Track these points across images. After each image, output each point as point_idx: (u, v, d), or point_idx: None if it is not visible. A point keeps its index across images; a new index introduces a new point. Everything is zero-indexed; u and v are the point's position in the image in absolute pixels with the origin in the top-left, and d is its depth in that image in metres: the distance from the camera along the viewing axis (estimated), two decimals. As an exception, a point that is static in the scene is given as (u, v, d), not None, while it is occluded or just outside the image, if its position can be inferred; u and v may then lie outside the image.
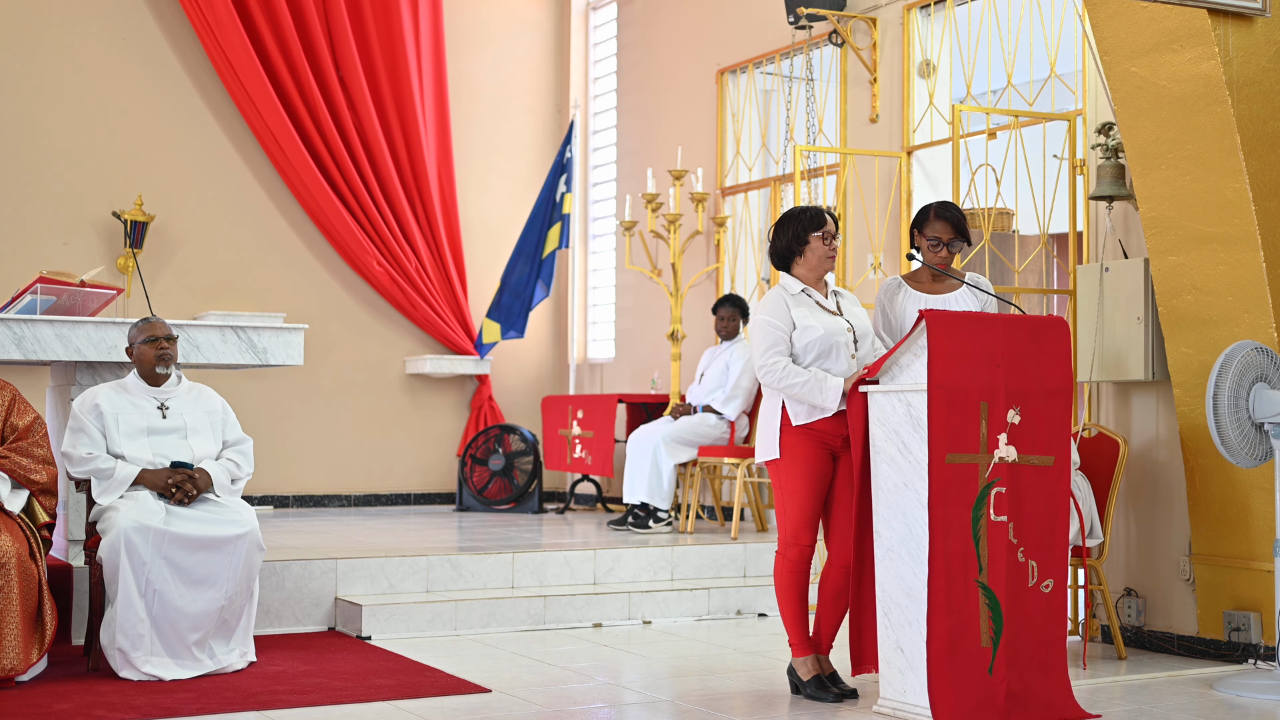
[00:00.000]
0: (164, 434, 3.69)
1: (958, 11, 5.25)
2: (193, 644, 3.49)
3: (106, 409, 3.67)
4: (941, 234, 3.46)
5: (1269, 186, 3.69)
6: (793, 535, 3.34)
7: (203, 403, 3.81)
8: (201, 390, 3.86)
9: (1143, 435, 4.24)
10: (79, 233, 6.39)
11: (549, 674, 3.64)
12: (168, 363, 3.74)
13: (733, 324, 5.73)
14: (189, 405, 3.78)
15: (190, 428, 3.74)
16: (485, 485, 6.63)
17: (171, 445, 3.69)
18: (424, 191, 7.00)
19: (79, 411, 3.68)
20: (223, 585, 3.53)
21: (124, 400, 3.71)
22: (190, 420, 3.75)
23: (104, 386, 3.76)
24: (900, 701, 3.12)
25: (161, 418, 3.71)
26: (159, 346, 3.74)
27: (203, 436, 3.75)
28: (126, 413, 3.68)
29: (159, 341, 3.74)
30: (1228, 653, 3.93)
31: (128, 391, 3.75)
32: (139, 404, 3.71)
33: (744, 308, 5.76)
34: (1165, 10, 3.65)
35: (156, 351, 3.73)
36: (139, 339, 3.76)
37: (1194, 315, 3.88)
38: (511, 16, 7.51)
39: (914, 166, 5.37)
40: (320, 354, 6.71)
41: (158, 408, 3.72)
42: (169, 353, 3.75)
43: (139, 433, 3.67)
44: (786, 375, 3.28)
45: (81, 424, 3.66)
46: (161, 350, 3.73)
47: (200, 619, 3.50)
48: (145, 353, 3.74)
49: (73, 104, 6.42)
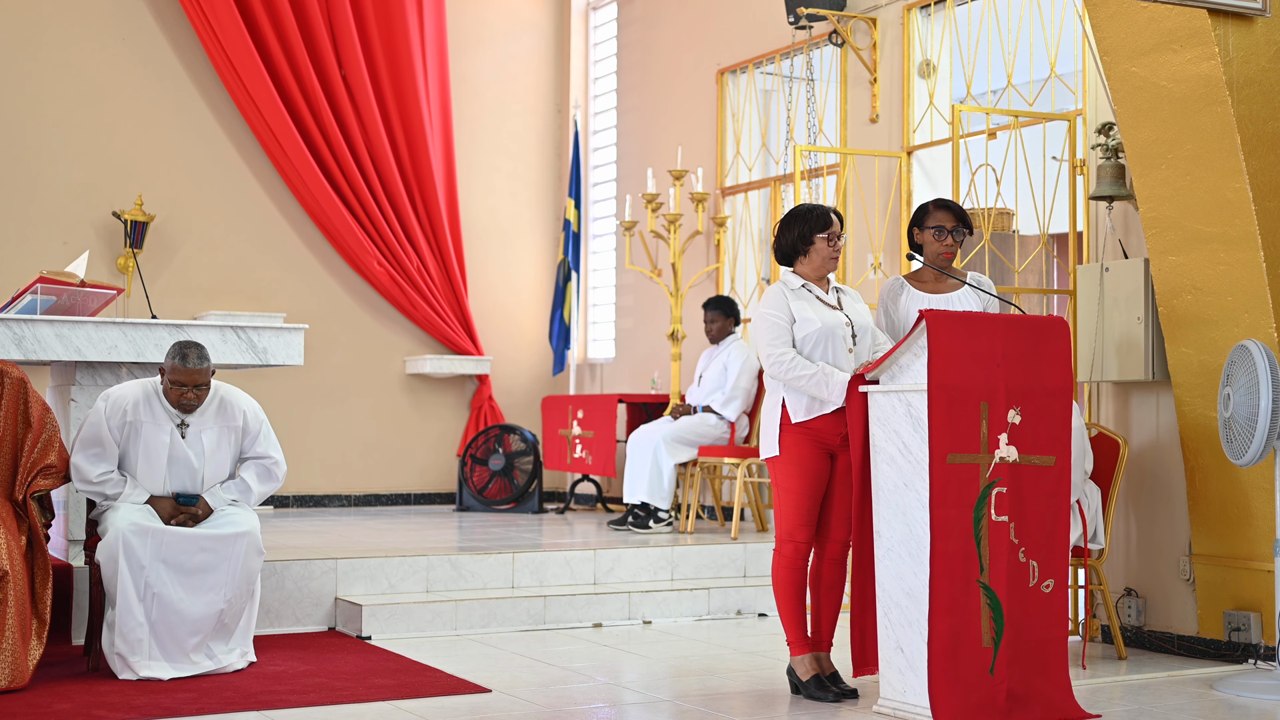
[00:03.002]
0: (178, 461, 3.62)
1: (958, 11, 5.25)
2: (191, 647, 3.49)
3: (130, 419, 3.60)
4: (945, 222, 3.47)
5: (1269, 186, 3.68)
6: (789, 533, 3.35)
7: (224, 418, 3.69)
8: (226, 403, 3.71)
9: (1143, 435, 4.24)
10: (79, 232, 6.39)
11: (549, 674, 3.64)
12: (188, 410, 3.61)
13: (715, 326, 5.69)
14: (210, 422, 3.67)
15: (205, 452, 3.65)
16: (485, 485, 6.63)
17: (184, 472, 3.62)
18: (425, 191, 7.00)
19: (103, 415, 3.58)
20: (222, 587, 3.53)
21: (147, 415, 3.61)
22: (207, 443, 3.66)
23: (134, 389, 3.62)
24: (900, 701, 3.12)
25: (180, 436, 3.63)
26: (182, 394, 3.58)
27: (217, 460, 3.67)
28: (147, 429, 3.60)
29: (185, 391, 3.57)
30: (1228, 653, 3.93)
31: (155, 400, 3.63)
32: (160, 423, 3.62)
33: (730, 310, 5.72)
34: (1165, 10, 3.65)
35: (179, 398, 3.58)
36: (168, 374, 3.58)
37: (1194, 315, 3.88)
38: (512, 16, 7.51)
39: (914, 166, 5.37)
40: (320, 354, 6.71)
41: (178, 425, 3.64)
42: (192, 404, 3.59)
43: (156, 453, 3.60)
44: (794, 367, 3.29)
45: (99, 436, 3.57)
46: (185, 400, 3.58)
47: (199, 622, 3.50)
48: (169, 391, 3.60)
49: (73, 104, 6.42)
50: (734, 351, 5.65)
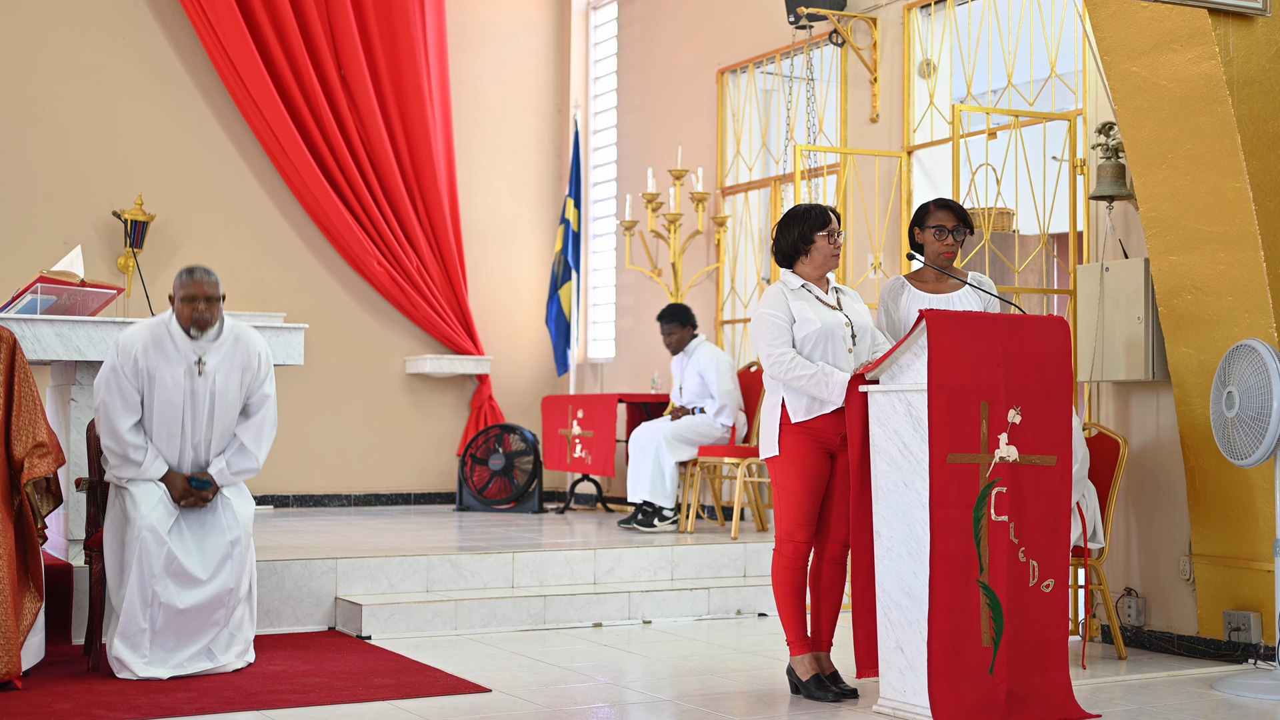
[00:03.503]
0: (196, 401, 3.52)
1: (958, 11, 5.25)
2: (191, 646, 3.49)
3: (143, 363, 3.52)
4: (945, 221, 3.47)
5: (1269, 186, 3.68)
6: (789, 533, 3.35)
7: (239, 356, 3.63)
8: (241, 341, 3.64)
9: (1143, 435, 4.24)
10: (79, 232, 6.38)
11: (549, 674, 3.64)
12: (203, 326, 3.54)
13: (674, 339, 5.64)
14: (225, 360, 3.60)
15: (220, 392, 3.58)
16: (485, 485, 6.63)
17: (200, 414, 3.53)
18: (426, 191, 7.00)
19: (117, 360, 3.50)
20: (222, 589, 3.53)
21: (160, 356, 3.54)
22: (220, 383, 3.58)
23: (142, 332, 3.56)
24: (900, 701, 3.12)
25: (197, 374, 3.55)
26: (196, 309, 3.52)
27: (228, 400, 3.60)
28: (161, 372, 3.53)
29: (197, 304, 3.52)
30: (1228, 653, 3.93)
31: (167, 339, 3.56)
32: (174, 363, 3.55)
33: (684, 318, 5.65)
34: (1165, 10, 3.65)
35: (193, 314, 3.53)
36: (179, 294, 3.54)
37: (1194, 315, 3.88)
38: (512, 16, 7.51)
39: (914, 166, 5.37)
40: (320, 354, 6.71)
41: (195, 362, 3.56)
42: (205, 316, 3.53)
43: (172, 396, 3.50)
44: (794, 367, 3.29)
45: (120, 385, 3.48)
46: (198, 313, 3.53)
47: (199, 620, 3.50)
48: (182, 311, 3.55)
49: (73, 103, 6.42)
50: (704, 357, 5.58)
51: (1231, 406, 3.56)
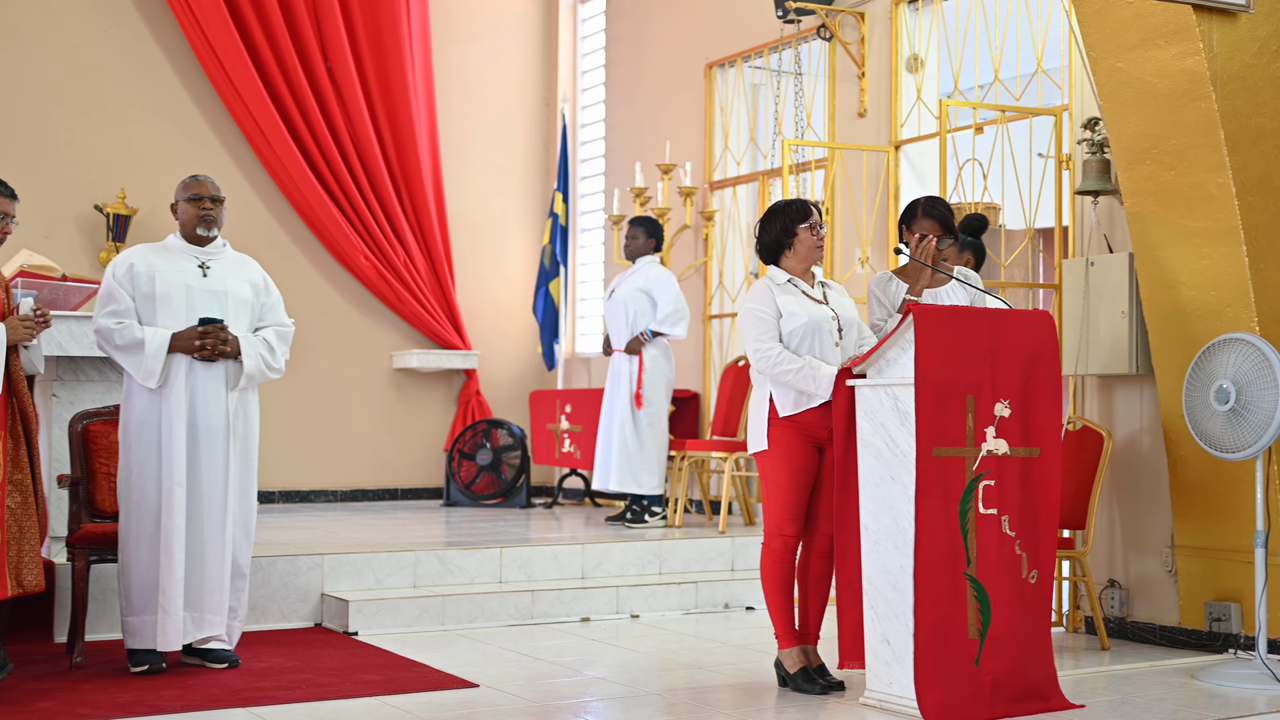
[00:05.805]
0: (202, 294, 3.50)
1: (945, 6, 5.26)
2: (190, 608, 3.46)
3: (141, 268, 3.50)
4: (929, 230, 3.48)
5: (1252, 181, 3.71)
6: (777, 527, 3.36)
7: (246, 271, 3.64)
8: (246, 260, 3.68)
9: (1126, 428, 4.27)
10: (61, 226, 6.33)
11: (536, 668, 3.64)
12: (210, 224, 3.55)
13: (636, 243, 5.53)
14: (231, 269, 3.60)
15: (230, 292, 3.55)
16: (473, 480, 6.62)
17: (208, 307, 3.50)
18: (412, 185, 6.97)
19: (110, 276, 3.49)
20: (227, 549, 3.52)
21: (161, 259, 3.54)
22: (231, 285, 3.56)
23: (140, 246, 3.57)
24: (886, 693, 3.14)
25: (202, 276, 3.54)
26: (202, 206, 3.54)
27: (241, 305, 3.56)
28: (164, 270, 3.51)
29: (203, 201, 3.54)
30: (1209, 643, 3.97)
31: (167, 250, 3.56)
32: (178, 262, 3.54)
33: (652, 231, 5.57)
34: (1151, 6, 3.67)
35: (200, 211, 3.54)
36: (183, 196, 3.56)
37: (1178, 309, 3.90)
38: (499, 9, 7.48)
39: (901, 161, 5.38)
40: (306, 349, 6.67)
41: (198, 266, 3.55)
42: (212, 214, 3.55)
43: (176, 290, 3.47)
44: (781, 361, 3.30)
45: (111, 290, 3.47)
46: (205, 210, 3.55)
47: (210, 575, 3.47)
48: (188, 211, 3.56)
49: (55, 96, 6.37)
50: (655, 272, 5.45)
51: (1225, 400, 3.58)
